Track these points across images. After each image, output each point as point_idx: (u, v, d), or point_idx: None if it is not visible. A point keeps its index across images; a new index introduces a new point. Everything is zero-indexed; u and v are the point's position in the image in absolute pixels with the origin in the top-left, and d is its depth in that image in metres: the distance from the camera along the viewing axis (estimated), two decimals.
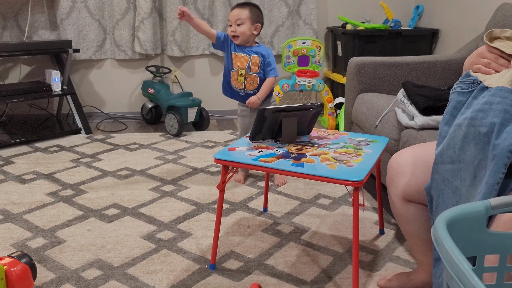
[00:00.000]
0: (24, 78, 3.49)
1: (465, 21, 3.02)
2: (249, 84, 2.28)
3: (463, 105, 1.17)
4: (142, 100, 3.61)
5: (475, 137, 1.08)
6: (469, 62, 1.25)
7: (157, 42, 3.53)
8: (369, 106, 2.18)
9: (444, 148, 1.15)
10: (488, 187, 1.02)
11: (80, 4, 3.38)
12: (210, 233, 1.84)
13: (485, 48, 1.22)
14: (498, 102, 1.08)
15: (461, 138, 1.11)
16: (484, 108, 1.09)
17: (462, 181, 1.12)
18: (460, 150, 1.12)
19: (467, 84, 1.18)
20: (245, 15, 2.21)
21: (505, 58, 1.18)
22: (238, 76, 2.29)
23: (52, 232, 1.84)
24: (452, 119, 1.18)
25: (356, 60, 2.35)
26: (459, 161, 1.12)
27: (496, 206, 0.85)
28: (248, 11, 2.22)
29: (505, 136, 1.03)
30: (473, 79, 1.18)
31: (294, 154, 1.50)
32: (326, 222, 1.96)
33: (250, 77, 2.26)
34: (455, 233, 0.80)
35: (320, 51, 3.43)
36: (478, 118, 1.09)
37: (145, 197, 2.19)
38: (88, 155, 2.78)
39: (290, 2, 3.54)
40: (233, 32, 2.23)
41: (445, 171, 1.15)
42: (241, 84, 2.29)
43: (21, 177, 2.41)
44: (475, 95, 1.15)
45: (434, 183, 1.17)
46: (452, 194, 1.14)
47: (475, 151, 1.08)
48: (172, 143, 3.04)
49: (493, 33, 1.21)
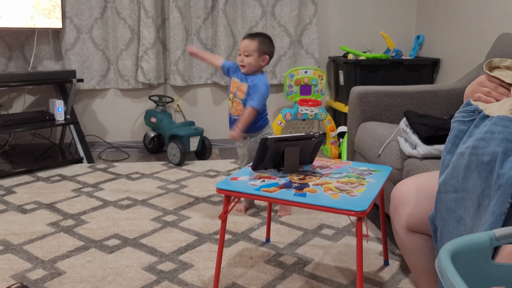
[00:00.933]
0: (28, 107, 3.52)
1: (465, 50, 3.05)
2: (234, 109, 2.31)
3: (464, 133, 1.17)
4: (144, 129, 3.63)
5: (478, 166, 1.08)
6: (470, 91, 1.26)
7: (160, 72, 3.56)
8: (372, 135, 2.18)
9: (447, 177, 1.14)
10: (495, 217, 1.01)
11: (85, 35, 3.43)
12: (212, 264, 1.81)
13: (485, 78, 1.22)
14: (500, 131, 1.08)
15: (463, 167, 1.11)
16: (486, 137, 1.09)
17: (466, 210, 1.10)
18: (463, 179, 1.11)
19: (468, 113, 1.18)
20: (253, 46, 2.24)
21: (504, 87, 1.18)
22: (229, 101, 2.35)
23: (52, 263, 1.82)
24: (454, 147, 1.17)
25: (358, 89, 2.37)
26: (463, 190, 1.11)
27: (501, 237, 0.84)
28: (257, 43, 2.24)
29: (510, 165, 1.02)
30: (474, 108, 1.18)
31: (297, 184, 1.49)
32: (329, 253, 1.93)
33: (236, 102, 2.30)
34: (459, 264, 0.78)
35: (322, 80, 3.46)
36: (480, 147, 1.09)
37: (147, 227, 2.17)
38: (90, 184, 2.77)
39: (292, 32, 3.58)
40: (240, 62, 2.26)
41: (449, 200, 1.14)
42: (229, 108, 2.35)
43: (22, 207, 2.40)
44: (476, 123, 1.15)
45: (438, 212, 1.16)
46: (457, 224, 1.12)
47: (478, 180, 1.07)
48: (174, 172, 3.03)
49: (493, 63, 1.21)
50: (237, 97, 2.28)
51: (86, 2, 3.38)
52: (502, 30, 2.58)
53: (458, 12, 3.11)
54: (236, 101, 2.29)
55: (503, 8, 2.64)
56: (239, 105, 2.28)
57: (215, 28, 3.54)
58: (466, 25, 3.02)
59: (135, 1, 3.43)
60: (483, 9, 2.83)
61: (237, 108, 2.29)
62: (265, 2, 3.54)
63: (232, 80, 2.33)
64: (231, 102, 2.32)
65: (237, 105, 2.29)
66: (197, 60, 3.58)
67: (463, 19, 3.06)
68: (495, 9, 2.71)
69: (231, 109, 2.33)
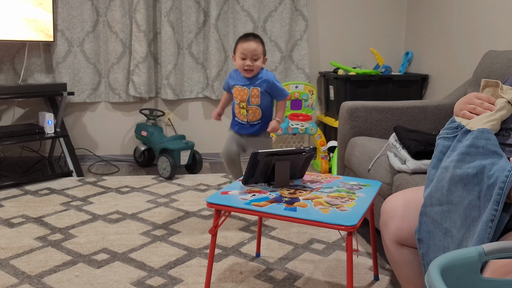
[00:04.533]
0: (17, 120, 3.50)
1: (453, 67, 3.09)
2: (251, 116, 2.32)
3: (448, 149, 1.20)
4: (135, 142, 3.62)
5: (463, 179, 1.10)
6: (458, 108, 1.29)
7: (152, 86, 3.57)
8: (362, 150, 2.19)
9: (432, 191, 1.17)
10: (482, 224, 1.03)
11: (76, 48, 3.43)
12: (201, 279, 1.80)
13: (473, 95, 1.26)
14: (483, 145, 1.11)
15: (448, 180, 1.13)
16: (471, 152, 1.12)
17: (452, 223, 1.12)
18: (447, 191, 1.13)
19: (452, 129, 1.23)
20: (260, 49, 2.25)
21: (491, 103, 1.22)
22: (240, 109, 2.33)
23: (39, 279, 1.79)
24: (439, 162, 1.20)
25: (348, 105, 2.39)
26: (448, 202, 1.13)
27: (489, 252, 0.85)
28: (262, 45, 2.26)
29: (496, 174, 1.04)
30: (457, 124, 1.22)
31: (287, 198, 1.49)
32: (319, 268, 1.93)
33: (252, 109, 2.30)
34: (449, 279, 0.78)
35: (312, 95, 3.48)
36: (465, 161, 1.11)
37: (136, 241, 2.15)
38: (79, 198, 2.75)
39: (283, 47, 3.61)
40: (249, 67, 2.24)
41: (434, 213, 1.16)
42: (244, 116, 2.34)
43: (9, 221, 2.37)
44: (459, 138, 1.19)
45: (424, 225, 1.18)
46: (443, 236, 1.14)
47: (464, 192, 1.10)
48: (164, 186, 3.02)
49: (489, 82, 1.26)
50: (252, 103, 2.28)
51: (78, 15, 3.39)
52: (489, 47, 2.62)
53: (446, 29, 3.16)
54: (252, 108, 2.29)
55: (490, 26, 2.69)
56: (256, 110, 2.30)
57: (206, 43, 3.56)
58: (454, 42, 3.07)
59: (127, 15, 3.44)
60: (470, 26, 2.88)
61: (254, 114, 2.30)
62: (256, 17, 3.57)
63: (236, 88, 2.31)
64: (246, 111, 2.30)
65: (253, 111, 2.30)
66: (189, 74, 3.60)
67: (451, 36, 3.11)
68: (482, 27, 2.76)
69: (247, 117, 2.32)
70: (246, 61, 2.24)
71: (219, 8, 3.50)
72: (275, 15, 3.59)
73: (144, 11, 3.38)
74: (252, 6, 3.54)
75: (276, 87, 2.33)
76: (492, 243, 0.87)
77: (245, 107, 2.30)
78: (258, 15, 3.58)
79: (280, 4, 3.57)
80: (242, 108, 2.31)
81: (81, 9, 3.39)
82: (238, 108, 2.34)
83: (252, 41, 2.25)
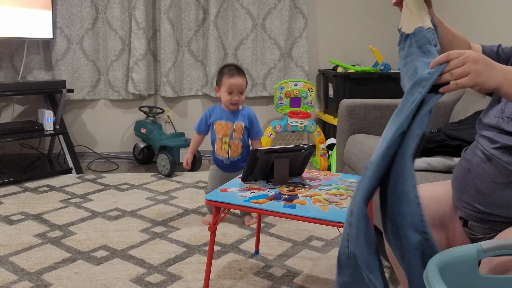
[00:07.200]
0: (16, 117, 3.49)
1: None
2: (233, 151, 2.27)
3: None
4: (134, 140, 3.62)
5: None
6: None
7: (151, 83, 3.57)
8: (361, 148, 2.19)
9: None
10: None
11: (75, 46, 3.43)
12: (200, 276, 1.80)
13: None
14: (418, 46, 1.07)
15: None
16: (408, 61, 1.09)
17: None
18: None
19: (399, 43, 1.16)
20: (245, 83, 2.26)
21: None
22: (222, 144, 2.28)
23: (38, 275, 1.80)
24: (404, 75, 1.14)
25: (347, 102, 2.39)
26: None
27: (488, 250, 0.85)
28: (245, 78, 2.27)
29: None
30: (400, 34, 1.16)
31: (286, 196, 1.50)
32: (318, 265, 1.93)
33: (234, 144, 2.27)
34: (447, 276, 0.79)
35: (311, 93, 3.48)
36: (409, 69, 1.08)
37: (135, 238, 2.15)
38: (78, 195, 2.75)
39: (282, 45, 3.61)
40: (236, 101, 2.23)
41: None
42: (226, 152, 2.28)
43: (8, 218, 2.37)
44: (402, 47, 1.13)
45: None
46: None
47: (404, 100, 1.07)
48: (163, 183, 3.02)
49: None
50: (235, 138, 2.26)
51: (77, 13, 3.39)
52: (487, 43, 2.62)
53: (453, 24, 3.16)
54: (234, 143, 2.27)
55: (489, 24, 2.70)
56: (238, 146, 2.28)
57: (206, 40, 3.56)
58: None
59: (126, 12, 3.44)
60: (469, 24, 2.89)
61: (236, 150, 2.28)
62: (255, 15, 3.57)
63: (219, 124, 2.27)
64: (228, 146, 2.26)
65: (235, 146, 2.27)
66: (188, 72, 3.60)
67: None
68: (481, 24, 2.76)
69: (228, 152, 2.27)
70: (233, 96, 2.23)
71: (219, 6, 3.50)
72: (275, 13, 3.59)
73: (144, 8, 3.38)
74: (252, 4, 3.54)
75: (257, 123, 2.31)
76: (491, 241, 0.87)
77: (227, 142, 2.26)
78: (258, 13, 3.58)
79: (280, 2, 3.57)
80: (224, 143, 2.27)
81: (80, 6, 3.39)
82: (220, 143, 2.28)
83: (238, 75, 2.23)
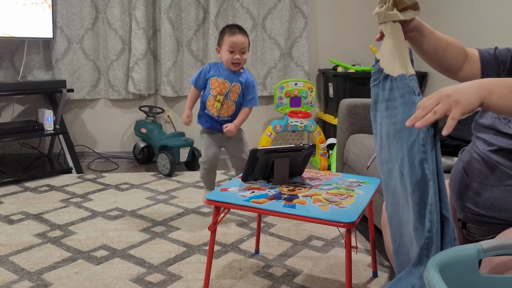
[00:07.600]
0: (16, 117, 3.49)
1: None
2: (224, 111, 2.25)
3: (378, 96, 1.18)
4: (134, 139, 3.62)
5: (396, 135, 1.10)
6: None
7: (151, 83, 3.57)
8: (361, 147, 2.19)
9: (379, 148, 1.19)
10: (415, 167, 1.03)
11: (75, 45, 3.43)
12: (200, 276, 1.80)
13: None
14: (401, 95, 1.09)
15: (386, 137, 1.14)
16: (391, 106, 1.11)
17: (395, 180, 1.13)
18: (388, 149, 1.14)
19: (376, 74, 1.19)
20: (247, 42, 2.21)
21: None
22: (215, 102, 2.25)
23: (38, 275, 1.80)
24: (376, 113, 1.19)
25: (347, 102, 2.39)
26: (390, 160, 1.14)
27: (488, 249, 0.85)
28: (248, 38, 2.23)
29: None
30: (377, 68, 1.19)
31: (286, 195, 1.50)
32: (318, 264, 1.93)
33: (227, 104, 2.25)
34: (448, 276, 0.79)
35: (312, 93, 3.48)
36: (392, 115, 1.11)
37: (135, 238, 2.15)
38: (78, 195, 2.75)
39: (282, 44, 3.61)
40: (237, 60, 2.19)
41: (384, 172, 1.18)
42: (217, 110, 2.26)
43: (9, 218, 2.37)
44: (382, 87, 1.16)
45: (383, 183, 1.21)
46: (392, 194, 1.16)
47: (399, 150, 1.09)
48: (163, 183, 3.02)
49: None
50: (229, 98, 2.24)
51: (77, 12, 3.39)
52: (487, 45, 2.62)
53: (445, 27, 3.16)
54: (227, 103, 2.24)
55: (489, 23, 2.69)
56: (231, 106, 2.25)
57: (206, 40, 3.56)
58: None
59: (126, 12, 3.44)
60: (469, 24, 2.88)
61: (227, 110, 2.25)
62: (256, 14, 3.57)
63: (216, 80, 2.23)
64: (220, 104, 2.23)
65: (228, 106, 2.25)
66: (188, 71, 3.60)
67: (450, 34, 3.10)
68: (481, 24, 2.76)
69: (219, 111, 2.25)
70: (235, 55, 2.19)
71: (219, 5, 3.49)
72: (275, 12, 3.59)
73: (144, 8, 3.38)
74: (252, 3, 3.54)
75: (254, 90, 2.29)
76: (491, 240, 0.87)
77: (221, 100, 2.23)
78: (258, 12, 3.58)
79: (280, 1, 3.57)
80: (217, 101, 2.23)
81: (81, 6, 3.39)
82: (213, 100, 2.24)
83: (240, 34, 2.19)
